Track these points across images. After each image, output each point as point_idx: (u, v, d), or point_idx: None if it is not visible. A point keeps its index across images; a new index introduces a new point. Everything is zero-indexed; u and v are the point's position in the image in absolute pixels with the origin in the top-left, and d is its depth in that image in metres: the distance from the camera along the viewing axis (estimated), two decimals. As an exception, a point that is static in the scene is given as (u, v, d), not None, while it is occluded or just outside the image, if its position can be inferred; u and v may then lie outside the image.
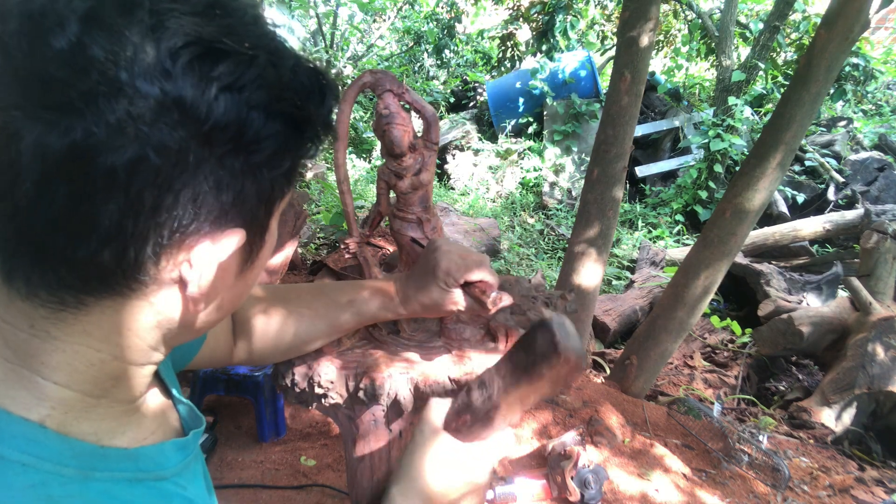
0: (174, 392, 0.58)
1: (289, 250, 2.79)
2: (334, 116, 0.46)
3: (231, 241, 0.41)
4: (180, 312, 0.45)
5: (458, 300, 0.78)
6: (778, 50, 6.68)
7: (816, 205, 6.13)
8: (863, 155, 6.47)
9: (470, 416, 0.63)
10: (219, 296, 0.47)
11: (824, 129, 7.17)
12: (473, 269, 0.76)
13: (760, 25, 6.50)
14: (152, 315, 0.43)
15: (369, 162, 8.09)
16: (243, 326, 0.80)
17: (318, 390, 0.86)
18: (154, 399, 0.53)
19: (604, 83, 7.51)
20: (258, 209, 0.43)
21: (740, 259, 4.43)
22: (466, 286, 0.77)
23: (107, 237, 0.36)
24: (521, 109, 7.74)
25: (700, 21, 6.95)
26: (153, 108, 0.34)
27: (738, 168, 3.55)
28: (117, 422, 0.46)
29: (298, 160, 0.44)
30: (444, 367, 0.89)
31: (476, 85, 9.15)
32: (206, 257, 0.41)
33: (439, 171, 7.78)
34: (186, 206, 0.38)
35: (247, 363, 0.85)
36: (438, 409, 0.66)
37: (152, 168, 0.35)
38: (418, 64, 9.54)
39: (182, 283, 0.42)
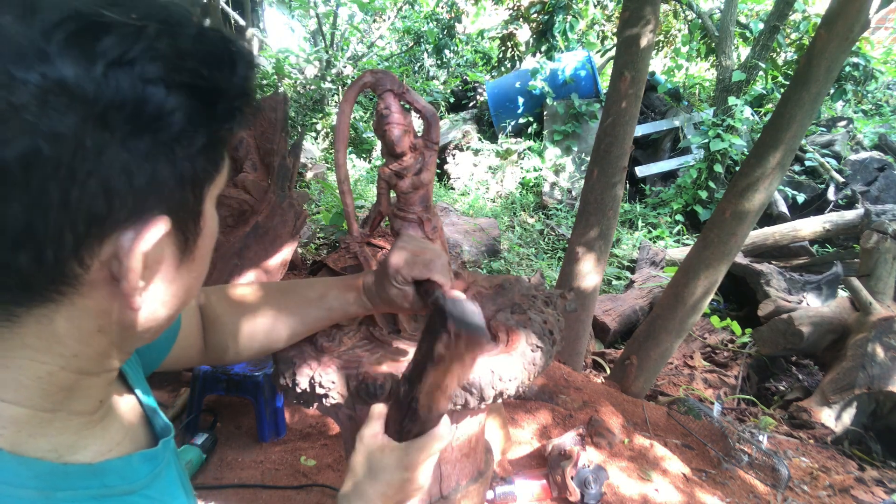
0: (143, 398, 0.56)
1: (288, 250, 2.78)
2: (253, 85, 0.43)
3: (155, 230, 0.39)
4: (120, 313, 0.42)
5: (410, 298, 0.77)
6: (778, 50, 6.69)
7: (816, 205, 6.14)
8: (863, 155, 6.47)
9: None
10: (160, 290, 0.44)
11: (824, 129, 7.18)
12: (421, 267, 0.74)
13: (760, 25, 6.51)
14: (92, 319, 0.41)
15: (369, 162, 8.09)
16: (213, 325, 0.79)
17: (319, 390, 0.86)
18: (120, 407, 0.51)
19: (604, 83, 7.51)
20: (183, 194, 0.40)
21: (740, 259, 4.43)
22: (419, 284, 0.76)
23: (18, 240, 0.34)
24: (521, 109, 7.75)
25: (700, 21, 6.95)
26: (36, 95, 0.32)
27: (738, 168, 3.55)
28: (78, 435, 0.44)
29: (215, 135, 0.41)
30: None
31: (476, 85, 9.15)
32: (130, 249, 0.38)
33: (439, 171, 7.79)
34: (97, 196, 0.35)
35: (217, 362, 0.84)
36: (378, 413, 0.67)
37: (49, 160, 0.33)
38: (418, 64, 9.55)
39: (115, 280, 0.39)
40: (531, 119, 7.69)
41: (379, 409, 0.67)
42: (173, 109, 0.37)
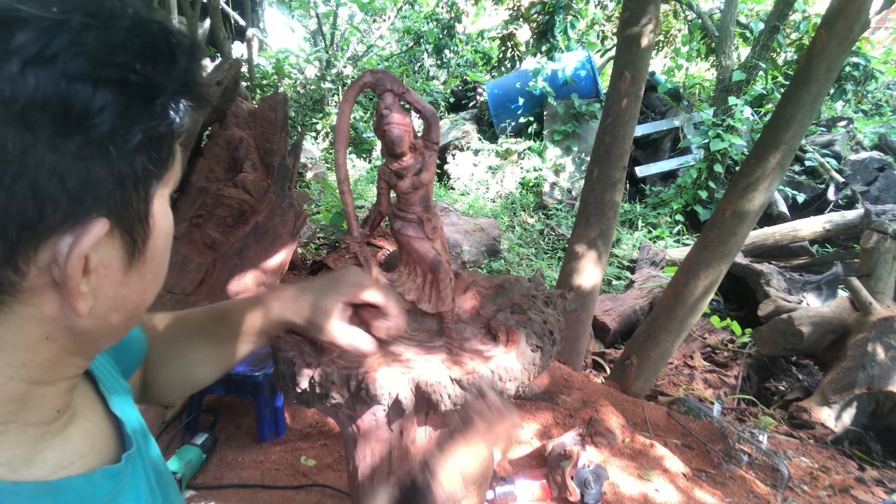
0: (114, 406, 0.53)
1: (288, 250, 2.79)
2: (197, 78, 0.41)
3: (93, 233, 0.37)
4: (68, 319, 0.40)
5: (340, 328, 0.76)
6: (778, 50, 6.68)
7: (816, 205, 6.14)
8: (863, 155, 6.47)
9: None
10: (108, 295, 0.42)
11: (824, 129, 7.18)
12: (370, 288, 0.76)
13: (760, 25, 6.51)
14: (37, 326, 0.39)
15: (369, 162, 8.09)
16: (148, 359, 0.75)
17: (319, 390, 0.86)
18: (85, 416, 0.49)
19: (604, 83, 7.51)
20: (124, 194, 0.38)
21: (740, 259, 4.43)
22: (357, 309, 0.79)
23: None
24: (521, 109, 7.74)
25: (700, 21, 6.95)
26: None
27: (738, 168, 3.55)
28: (34, 448, 0.41)
29: (154, 131, 0.39)
30: (444, 367, 0.89)
31: (476, 85, 9.15)
32: (69, 254, 0.36)
33: (439, 171, 7.79)
34: (26, 200, 0.33)
35: (149, 401, 0.79)
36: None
37: None
38: (418, 64, 9.55)
39: (58, 286, 0.38)
40: (531, 119, 7.69)
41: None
42: (102, 107, 0.35)
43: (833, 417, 2.82)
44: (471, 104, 9.09)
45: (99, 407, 0.52)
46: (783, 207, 6.07)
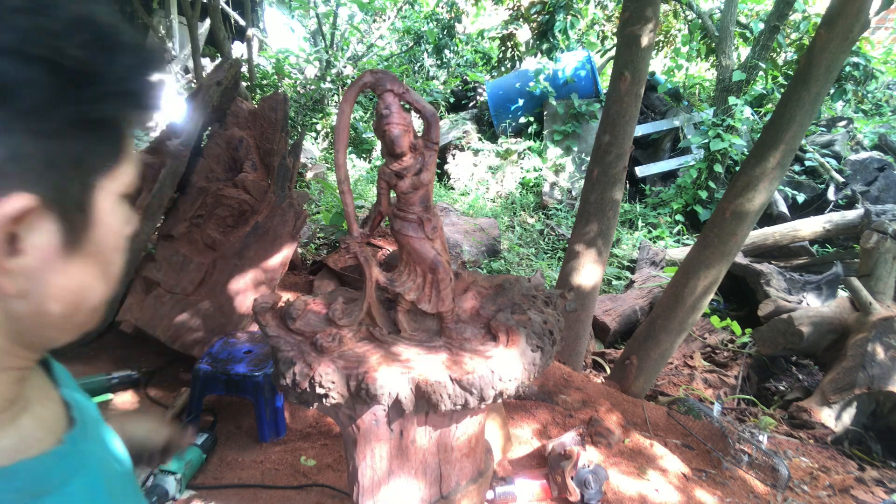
0: (65, 393, 0.54)
1: (288, 250, 2.79)
2: (138, 77, 0.42)
3: (14, 205, 0.36)
4: (1, 300, 0.40)
5: None
6: (778, 50, 6.68)
7: (816, 205, 6.14)
8: (863, 155, 6.47)
9: None
10: (42, 280, 0.41)
11: (824, 129, 7.18)
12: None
13: (760, 25, 6.51)
14: None
15: (369, 162, 8.09)
16: None
17: (319, 390, 0.86)
18: (42, 403, 0.49)
19: (604, 83, 7.51)
20: (59, 177, 0.39)
21: (740, 259, 4.43)
22: None
23: None
24: (521, 109, 7.75)
25: (700, 21, 6.95)
26: None
27: (738, 168, 3.55)
28: None
29: (86, 116, 0.39)
30: (444, 367, 0.89)
31: (476, 85, 9.15)
32: None
33: (439, 171, 7.78)
34: None
35: None
36: None
37: None
38: (418, 64, 9.54)
39: None
40: (531, 119, 7.69)
41: None
42: (26, 81, 0.35)
43: (833, 417, 2.82)
44: (471, 104, 9.09)
45: (54, 393, 0.53)
46: (783, 207, 6.07)
